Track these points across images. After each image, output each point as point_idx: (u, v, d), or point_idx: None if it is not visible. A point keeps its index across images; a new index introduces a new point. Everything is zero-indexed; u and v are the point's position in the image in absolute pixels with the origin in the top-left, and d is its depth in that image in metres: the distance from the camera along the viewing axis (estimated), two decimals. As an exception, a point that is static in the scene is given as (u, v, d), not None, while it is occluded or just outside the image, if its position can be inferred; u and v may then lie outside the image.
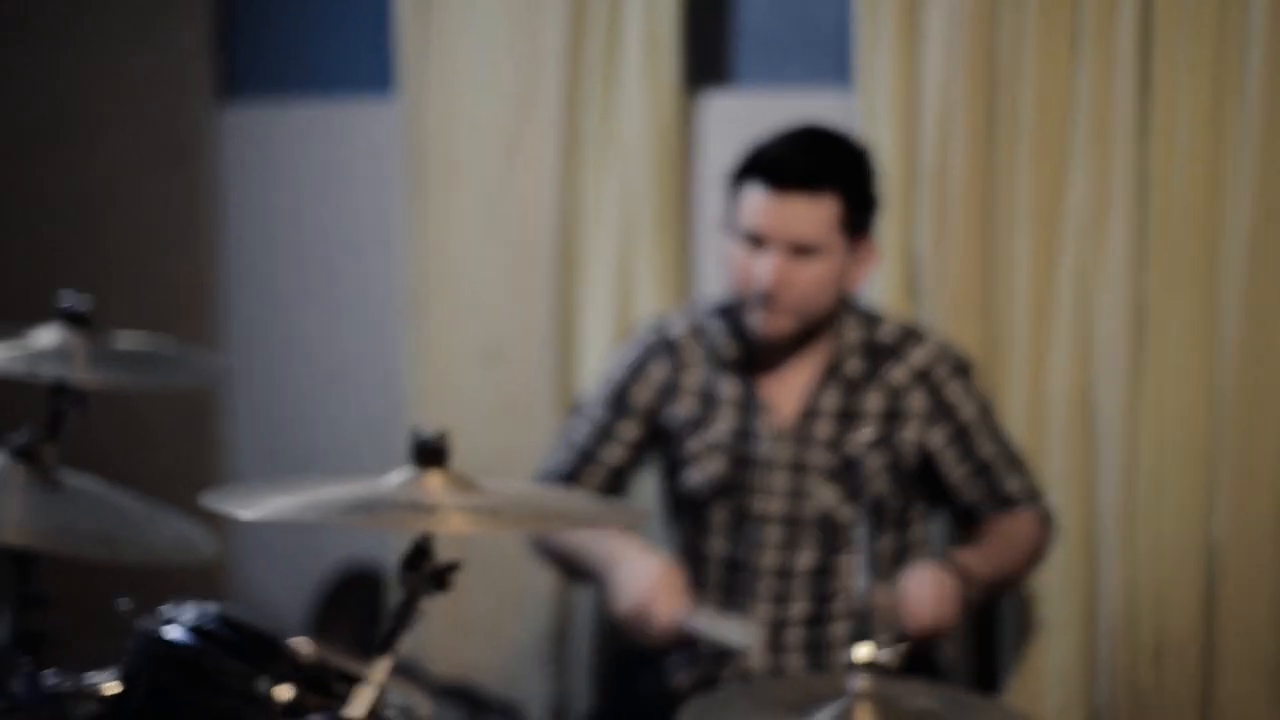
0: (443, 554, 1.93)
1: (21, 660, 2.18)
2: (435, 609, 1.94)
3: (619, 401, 3.10)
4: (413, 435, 1.97)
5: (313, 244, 4.44)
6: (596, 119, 3.69)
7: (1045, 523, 2.98)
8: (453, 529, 1.88)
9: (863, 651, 2.15)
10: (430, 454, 1.97)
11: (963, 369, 3.03)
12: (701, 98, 3.66)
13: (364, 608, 4.08)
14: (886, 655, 2.15)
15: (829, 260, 2.92)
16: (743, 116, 3.02)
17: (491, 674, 3.96)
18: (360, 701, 1.88)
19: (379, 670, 1.89)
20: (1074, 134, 3.11)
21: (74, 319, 2.45)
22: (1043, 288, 3.16)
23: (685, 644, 2.89)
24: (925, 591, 2.71)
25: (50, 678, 2.15)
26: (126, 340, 2.57)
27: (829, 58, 3.46)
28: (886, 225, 3.14)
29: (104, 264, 4.40)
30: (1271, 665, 3.01)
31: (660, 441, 3.11)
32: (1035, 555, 2.98)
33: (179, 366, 2.72)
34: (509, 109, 3.81)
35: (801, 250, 2.90)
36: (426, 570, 1.92)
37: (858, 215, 2.95)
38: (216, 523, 2.19)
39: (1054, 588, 3.17)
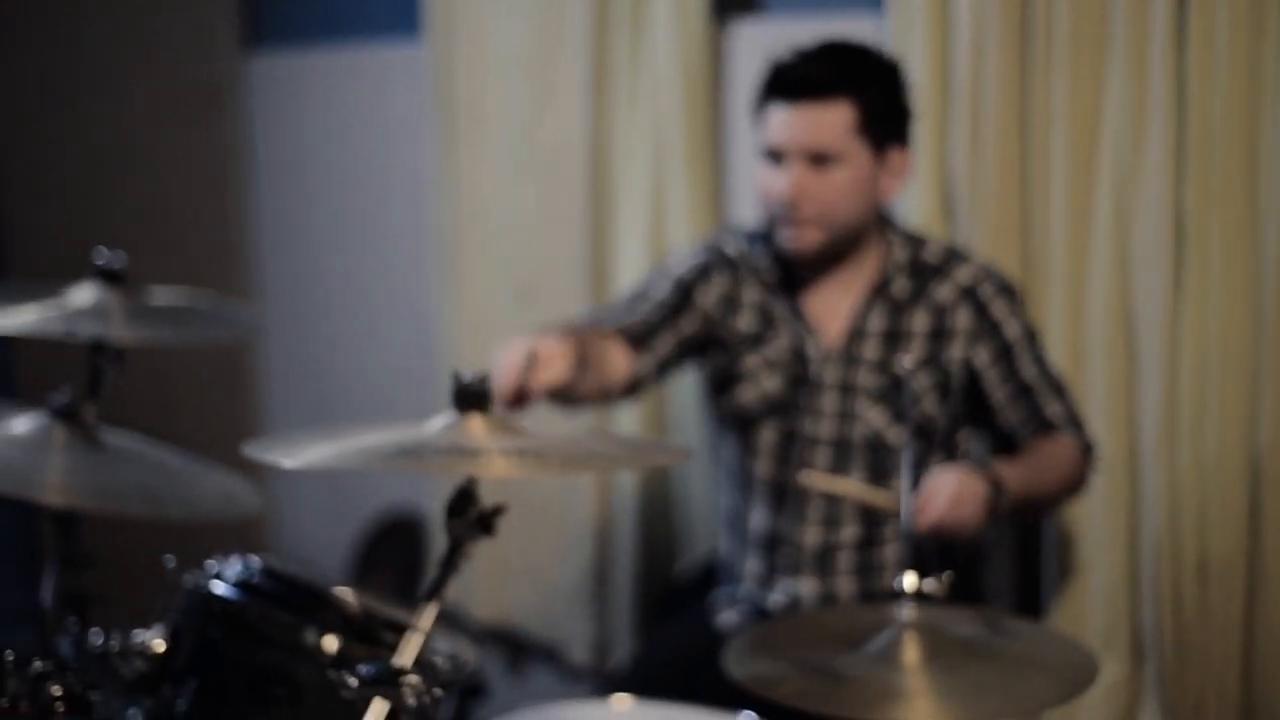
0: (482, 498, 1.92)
1: (67, 620, 2.19)
2: (476, 553, 1.93)
3: (684, 293, 3.04)
4: (454, 379, 1.95)
5: (343, 191, 4.43)
6: (625, 52, 3.65)
7: (1085, 451, 2.93)
8: (496, 472, 1.86)
9: (909, 580, 2.13)
10: (471, 398, 1.95)
11: (1008, 290, 2.99)
12: (731, 27, 3.62)
13: (404, 555, 4.08)
14: (932, 584, 2.13)
15: (850, 169, 2.88)
16: (772, 45, 2.97)
17: (533, 616, 3.96)
18: (409, 650, 1.87)
19: (426, 617, 1.88)
20: (1111, 45, 3.06)
21: (109, 276, 2.44)
22: (1080, 203, 3.12)
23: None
24: (943, 490, 2.60)
25: (96, 637, 2.15)
26: (162, 296, 2.56)
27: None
28: (920, 144, 3.10)
29: (134, 218, 4.39)
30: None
31: (713, 355, 3.07)
32: (1073, 480, 2.91)
33: (215, 320, 2.71)
34: (537, 45, 3.79)
35: (819, 159, 2.87)
36: (472, 515, 1.90)
37: (879, 123, 2.90)
38: (255, 475, 2.18)
39: (1096, 509, 3.14)
